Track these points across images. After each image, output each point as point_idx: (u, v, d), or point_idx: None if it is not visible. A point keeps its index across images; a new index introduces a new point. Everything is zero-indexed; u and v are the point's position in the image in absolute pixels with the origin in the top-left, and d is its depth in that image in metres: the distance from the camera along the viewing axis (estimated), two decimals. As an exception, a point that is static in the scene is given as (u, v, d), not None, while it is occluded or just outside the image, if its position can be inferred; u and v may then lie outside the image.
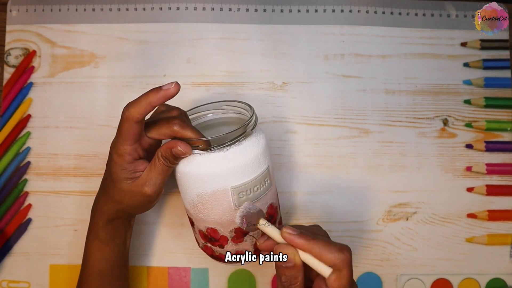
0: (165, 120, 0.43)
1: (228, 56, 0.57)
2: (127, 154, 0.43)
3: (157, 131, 0.43)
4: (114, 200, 0.45)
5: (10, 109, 0.56)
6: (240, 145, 0.42)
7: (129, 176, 0.44)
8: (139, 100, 0.42)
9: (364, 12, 0.58)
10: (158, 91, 0.41)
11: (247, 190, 0.42)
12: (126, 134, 0.42)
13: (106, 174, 0.46)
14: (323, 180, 0.56)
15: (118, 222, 0.48)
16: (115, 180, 0.44)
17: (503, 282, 0.55)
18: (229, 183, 0.41)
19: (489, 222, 0.56)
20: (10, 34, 0.57)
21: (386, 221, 0.55)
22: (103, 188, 0.47)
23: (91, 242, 0.48)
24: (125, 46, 0.57)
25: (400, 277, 0.55)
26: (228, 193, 0.42)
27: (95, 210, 0.47)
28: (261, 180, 0.43)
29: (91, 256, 0.48)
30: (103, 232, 0.47)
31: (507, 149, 0.57)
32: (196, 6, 0.57)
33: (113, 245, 0.48)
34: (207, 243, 0.46)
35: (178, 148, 0.42)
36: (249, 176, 0.42)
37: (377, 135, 0.56)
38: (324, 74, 0.57)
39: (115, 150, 0.43)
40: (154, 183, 0.44)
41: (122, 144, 0.43)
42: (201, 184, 0.42)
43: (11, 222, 0.55)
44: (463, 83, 0.57)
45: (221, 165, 0.41)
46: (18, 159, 0.55)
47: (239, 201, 0.42)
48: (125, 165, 0.43)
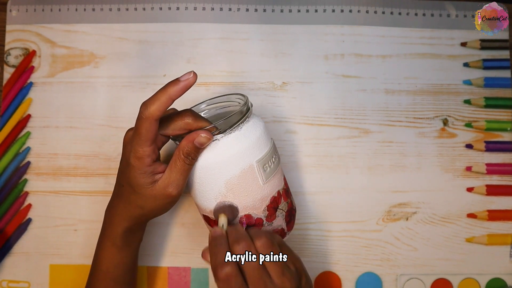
0: (176, 114, 0.43)
1: (228, 56, 0.57)
2: (147, 156, 0.42)
3: (171, 127, 0.43)
4: (136, 206, 0.44)
5: (10, 109, 0.56)
6: (250, 121, 0.44)
7: (149, 180, 0.43)
8: (157, 96, 0.41)
9: (364, 12, 0.58)
10: (177, 83, 0.41)
11: (268, 162, 0.44)
12: (146, 134, 0.41)
13: (122, 180, 0.44)
14: (323, 180, 0.56)
15: (136, 228, 0.47)
16: (135, 185, 0.43)
17: (503, 282, 0.55)
18: (253, 158, 0.43)
19: (489, 222, 0.56)
20: (10, 34, 0.57)
21: (386, 221, 0.55)
22: (120, 195, 0.45)
23: (106, 249, 0.47)
24: (125, 46, 0.57)
25: (400, 277, 0.55)
26: (254, 169, 0.43)
27: (113, 217, 0.46)
28: (273, 152, 0.46)
29: (105, 262, 0.47)
30: (121, 240, 0.46)
31: (507, 149, 0.57)
32: (196, 6, 0.57)
33: (129, 251, 0.47)
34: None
35: (201, 136, 0.41)
36: (265, 147, 0.44)
37: (377, 135, 0.56)
38: (324, 74, 0.57)
39: (133, 153, 0.42)
40: (177, 184, 0.43)
41: (142, 145, 0.41)
42: (228, 168, 0.43)
43: (11, 222, 0.55)
44: (463, 83, 0.57)
45: (241, 143, 0.43)
46: (18, 159, 0.55)
47: (265, 174, 0.44)
48: (144, 168, 0.42)
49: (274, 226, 0.46)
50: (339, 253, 0.55)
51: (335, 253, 0.55)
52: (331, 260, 0.55)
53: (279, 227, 0.46)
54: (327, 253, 0.55)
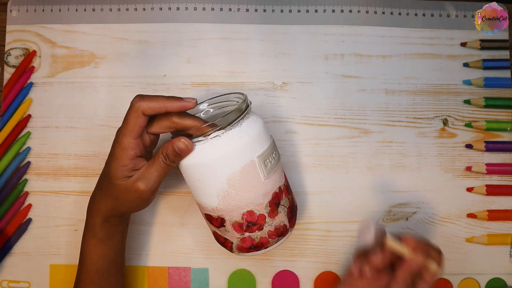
0: (163, 113, 0.44)
1: (228, 56, 0.57)
2: (130, 148, 0.43)
3: (157, 125, 0.44)
4: (109, 197, 0.45)
5: (10, 109, 0.56)
6: (249, 118, 0.45)
7: (127, 174, 0.44)
8: (156, 97, 0.42)
9: (364, 12, 0.58)
10: (178, 100, 0.43)
11: (269, 157, 0.45)
12: (132, 125, 0.42)
13: (104, 170, 0.46)
14: (323, 180, 0.56)
15: (115, 221, 0.47)
16: (112, 176, 0.44)
17: (503, 282, 0.55)
18: (254, 153, 0.44)
19: (489, 222, 0.56)
20: (10, 34, 0.57)
21: (386, 221, 0.55)
22: (99, 185, 0.47)
23: (88, 240, 0.47)
24: (125, 46, 0.57)
25: (400, 277, 0.55)
26: (256, 164, 0.44)
27: (92, 208, 0.47)
28: (273, 148, 0.46)
29: (89, 254, 0.48)
30: (100, 230, 0.47)
31: (507, 149, 0.57)
32: (196, 6, 0.57)
33: (110, 243, 0.48)
34: (245, 234, 0.46)
35: (180, 141, 0.42)
36: (265, 143, 0.45)
37: (377, 135, 0.56)
38: (324, 74, 0.57)
39: (118, 143, 0.43)
40: (149, 180, 0.44)
41: (127, 136, 0.43)
42: (229, 164, 0.43)
43: (11, 222, 0.55)
44: (463, 83, 0.57)
45: (242, 138, 0.43)
46: (18, 159, 0.55)
47: (266, 169, 0.44)
48: (126, 161, 0.43)
49: (276, 222, 0.46)
50: (339, 253, 0.55)
51: (335, 253, 0.55)
52: (331, 260, 0.55)
53: (281, 223, 0.46)
54: (327, 253, 0.55)
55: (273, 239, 0.46)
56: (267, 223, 0.45)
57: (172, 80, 0.56)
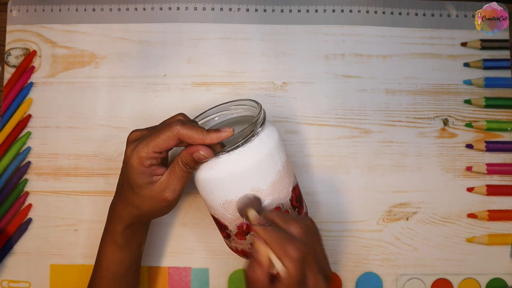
0: (166, 126, 0.43)
1: (228, 56, 0.57)
2: (148, 158, 0.42)
3: (165, 141, 0.42)
4: (133, 206, 0.45)
5: (10, 109, 0.56)
6: (266, 128, 0.45)
7: (147, 180, 0.43)
8: (196, 128, 0.42)
9: (364, 12, 0.58)
10: (217, 132, 0.42)
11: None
12: (162, 143, 0.42)
13: (123, 179, 0.45)
14: (323, 180, 0.56)
15: (136, 227, 0.47)
16: (134, 185, 0.44)
17: (503, 282, 0.55)
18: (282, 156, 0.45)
19: (489, 222, 0.56)
20: (10, 34, 0.57)
21: (387, 221, 0.55)
22: (120, 193, 0.46)
23: (107, 246, 0.47)
24: (126, 46, 0.57)
25: (401, 277, 0.55)
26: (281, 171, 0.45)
27: (113, 215, 0.47)
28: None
29: (106, 260, 0.47)
30: (121, 237, 0.47)
31: (507, 149, 0.56)
32: (196, 6, 0.57)
33: (129, 249, 0.48)
34: None
35: (200, 153, 0.42)
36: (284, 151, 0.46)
37: (377, 135, 0.56)
38: (324, 74, 0.57)
39: (136, 153, 0.42)
40: (174, 189, 0.44)
41: (150, 148, 0.42)
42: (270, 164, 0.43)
43: (11, 222, 0.55)
44: (463, 83, 0.57)
45: (274, 141, 0.45)
46: (18, 159, 0.55)
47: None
48: (142, 169, 0.43)
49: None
50: (339, 253, 0.55)
51: (335, 253, 0.55)
52: (331, 260, 0.55)
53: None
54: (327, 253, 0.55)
55: None
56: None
57: (172, 80, 0.56)
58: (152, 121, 0.56)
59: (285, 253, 0.38)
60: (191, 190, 0.55)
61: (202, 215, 0.55)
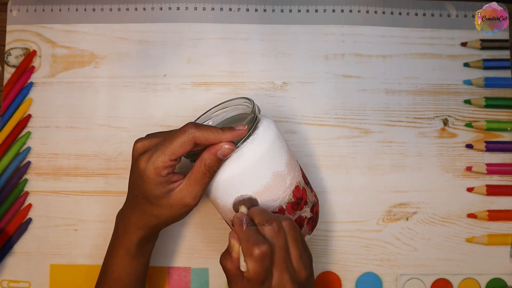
0: (179, 131, 0.42)
1: (228, 56, 0.57)
2: (165, 168, 0.41)
3: (181, 146, 0.41)
4: (151, 215, 0.44)
5: (10, 109, 0.56)
6: (262, 122, 0.45)
7: (165, 190, 0.42)
8: (210, 128, 0.41)
9: (364, 12, 0.58)
10: (232, 131, 0.42)
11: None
12: (178, 149, 0.41)
13: (136, 191, 0.44)
14: (323, 180, 0.56)
15: (150, 236, 0.47)
16: (151, 197, 0.42)
17: (503, 282, 0.55)
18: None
19: (489, 222, 0.56)
20: (10, 34, 0.57)
21: (386, 221, 0.55)
22: (134, 204, 0.45)
23: (120, 257, 0.46)
24: (126, 46, 0.57)
25: (400, 277, 0.55)
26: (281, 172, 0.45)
27: (128, 226, 0.45)
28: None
29: (116, 270, 0.46)
30: (136, 248, 0.46)
31: (507, 149, 0.56)
32: (196, 6, 0.57)
33: (142, 259, 0.47)
34: (296, 213, 0.45)
35: (224, 147, 0.41)
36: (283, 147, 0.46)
37: (377, 135, 0.56)
38: (324, 74, 0.57)
39: (152, 163, 0.41)
40: (196, 195, 0.43)
41: (166, 156, 0.41)
42: (278, 155, 0.44)
43: (11, 222, 0.55)
44: (463, 83, 0.57)
45: (275, 126, 0.45)
46: (18, 159, 0.55)
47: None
48: (160, 179, 0.41)
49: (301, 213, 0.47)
50: (339, 253, 0.55)
51: (335, 253, 0.55)
52: (331, 260, 0.55)
53: (304, 217, 0.47)
54: (327, 253, 0.55)
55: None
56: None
57: (173, 80, 0.56)
58: (152, 121, 0.56)
59: (249, 251, 0.38)
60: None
61: (202, 215, 0.55)
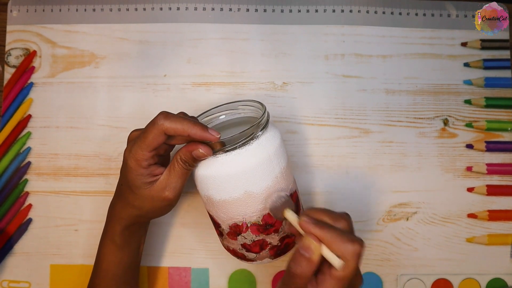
0: (151, 123, 0.43)
1: (228, 56, 0.57)
2: (144, 160, 0.42)
3: (153, 138, 0.42)
4: (133, 206, 0.45)
5: (10, 109, 0.56)
6: (268, 131, 0.45)
7: (146, 180, 0.43)
8: (181, 120, 0.41)
9: (364, 12, 0.58)
10: (203, 130, 0.42)
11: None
12: (151, 141, 0.42)
13: (122, 180, 0.45)
14: (323, 180, 0.56)
15: (135, 228, 0.47)
16: (133, 186, 0.44)
17: (503, 282, 0.55)
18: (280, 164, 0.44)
19: (489, 222, 0.56)
20: (10, 34, 0.57)
21: (387, 221, 0.55)
22: (119, 194, 0.46)
23: (106, 246, 0.47)
24: (126, 46, 0.57)
25: (401, 277, 0.55)
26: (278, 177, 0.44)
27: (113, 216, 0.47)
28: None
29: (105, 260, 0.47)
30: (120, 238, 0.47)
31: (507, 149, 0.56)
32: (196, 6, 0.57)
33: (128, 250, 0.48)
34: (260, 235, 0.45)
35: (199, 151, 0.42)
36: (283, 160, 0.45)
37: (377, 135, 0.56)
38: (324, 74, 0.57)
39: (132, 155, 0.43)
40: (174, 187, 0.44)
41: (143, 149, 0.42)
42: (278, 159, 0.43)
43: (11, 222, 0.55)
44: (464, 83, 0.57)
45: (273, 147, 0.44)
46: (18, 159, 0.55)
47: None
48: (141, 170, 0.43)
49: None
50: (339, 253, 0.55)
51: (335, 253, 0.55)
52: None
53: None
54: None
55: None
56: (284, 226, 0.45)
57: (173, 80, 0.56)
58: (152, 121, 0.56)
59: (345, 248, 0.37)
60: (190, 189, 0.55)
61: (202, 215, 0.55)
